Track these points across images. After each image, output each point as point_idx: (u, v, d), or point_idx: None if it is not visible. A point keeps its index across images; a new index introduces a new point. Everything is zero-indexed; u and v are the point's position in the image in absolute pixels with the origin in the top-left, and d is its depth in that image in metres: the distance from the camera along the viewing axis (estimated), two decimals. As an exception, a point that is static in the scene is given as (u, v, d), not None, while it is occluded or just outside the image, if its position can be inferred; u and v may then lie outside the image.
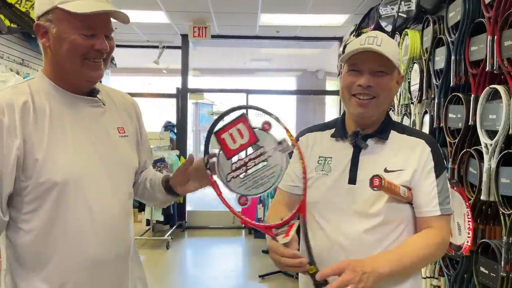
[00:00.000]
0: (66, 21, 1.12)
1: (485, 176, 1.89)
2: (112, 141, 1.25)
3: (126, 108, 1.35)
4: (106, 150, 1.22)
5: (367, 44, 1.18)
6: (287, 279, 4.42)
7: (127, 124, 1.32)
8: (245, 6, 4.94)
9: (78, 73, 1.17)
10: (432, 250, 1.17)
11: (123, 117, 1.32)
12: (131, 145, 1.32)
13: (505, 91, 1.82)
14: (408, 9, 3.02)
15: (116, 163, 1.24)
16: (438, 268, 2.48)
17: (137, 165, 1.34)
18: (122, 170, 1.26)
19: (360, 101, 1.21)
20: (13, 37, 4.30)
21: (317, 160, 1.30)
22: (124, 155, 1.28)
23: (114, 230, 1.22)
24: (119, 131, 1.28)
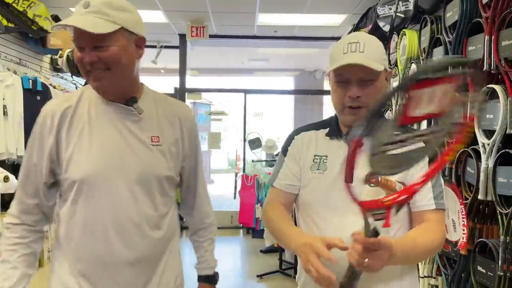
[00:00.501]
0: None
1: (483, 176, 1.90)
2: (140, 149, 1.28)
3: (170, 119, 1.35)
4: (129, 157, 1.26)
5: (350, 52, 1.17)
6: (285, 278, 4.42)
7: (165, 134, 1.32)
8: (243, 5, 4.94)
9: (90, 84, 1.27)
10: (436, 245, 1.18)
11: (162, 127, 1.32)
12: (164, 155, 1.31)
13: (502, 90, 1.83)
14: (406, 9, 3.03)
15: (138, 170, 1.26)
16: (436, 267, 2.48)
17: (168, 174, 1.32)
18: (144, 177, 1.27)
19: (352, 110, 1.21)
20: (11, 37, 4.29)
21: (312, 159, 1.29)
22: (149, 163, 1.28)
23: (124, 235, 1.25)
24: (152, 139, 1.29)
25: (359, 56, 1.17)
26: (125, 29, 1.22)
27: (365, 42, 1.18)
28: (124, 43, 1.22)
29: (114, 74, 1.21)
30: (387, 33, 3.30)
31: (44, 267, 4.42)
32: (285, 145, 1.38)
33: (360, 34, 1.24)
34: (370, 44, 1.19)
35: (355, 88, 1.18)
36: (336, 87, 1.23)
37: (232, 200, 6.33)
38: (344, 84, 1.21)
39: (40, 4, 4.15)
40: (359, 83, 1.19)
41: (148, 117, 1.31)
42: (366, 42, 1.19)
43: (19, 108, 3.95)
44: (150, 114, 1.32)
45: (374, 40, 1.24)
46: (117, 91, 1.27)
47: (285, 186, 1.34)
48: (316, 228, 1.26)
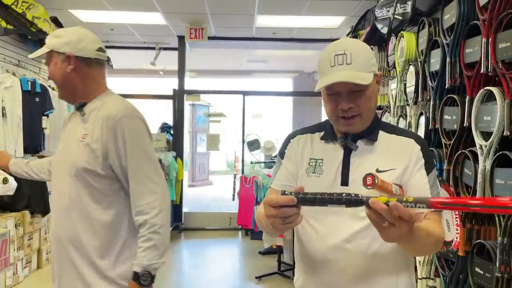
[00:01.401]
0: None
1: (480, 177, 1.90)
2: (73, 144, 1.58)
3: (99, 119, 1.55)
4: (66, 152, 1.61)
5: (337, 64, 1.16)
6: (283, 280, 4.42)
7: (93, 135, 1.54)
8: (241, 7, 4.95)
9: None
10: (440, 239, 1.18)
11: (93, 128, 1.55)
12: (87, 151, 1.53)
13: (500, 92, 1.84)
14: (403, 11, 3.04)
15: (65, 161, 1.60)
16: (434, 268, 2.49)
17: (86, 167, 1.53)
18: (66, 167, 1.58)
19: (346, 120, 1.22)
20: (10, 38, 4.30)
21: (308, 162, 1.30)
22: (71, 155, 1.57)
23: (60, 214, 1.59)
24: (83, 137, 1.56)
25: (347, 69, 1.16)
26: (54, 51, 1.57)
27: (352, 51, 1.17)
28: (55, 62, 1.59)
29: (58, 86, 1.64)
30: (385, 35, 3.31)
31: (43, 269, 4.42)
32: (282, 148, 1.39)
33: (347, 43, 1.22)
34: (357, 54, 1.17)
35: (346, 100, 1.19)
36: (327, 99, 1.24)
37: (230, 201, 6.33)
38: (335, 96, 1.21)
39: (39, 6, 4.15)
40: (349, 94, 1.19)
41: (87, 119, 1.59)
42: (353, 51, 1.17)
43: (18, 109, 3.95)
44: (90, 116, 1.58)
45: (360, 47, 1.22)
46: (67, 99, 1.69)
47: (282, 186, 1.34)
48: (312, 230, 1.26)
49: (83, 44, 1.57)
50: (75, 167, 1.54)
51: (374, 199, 0.92)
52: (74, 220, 1.55)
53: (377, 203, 0.91)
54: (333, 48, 1.20)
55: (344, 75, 1.15)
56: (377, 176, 1.08)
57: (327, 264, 1.22)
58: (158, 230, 1.50)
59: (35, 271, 4.31)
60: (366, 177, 1.07)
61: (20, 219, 4.06)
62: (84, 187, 1.54)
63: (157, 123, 6.98)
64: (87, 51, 1.58)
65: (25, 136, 4.04)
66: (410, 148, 1.24)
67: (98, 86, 1.63)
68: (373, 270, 1.21)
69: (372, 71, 1.20)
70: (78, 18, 5.35)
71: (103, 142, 1.52)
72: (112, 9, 4.99)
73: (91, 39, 1.61)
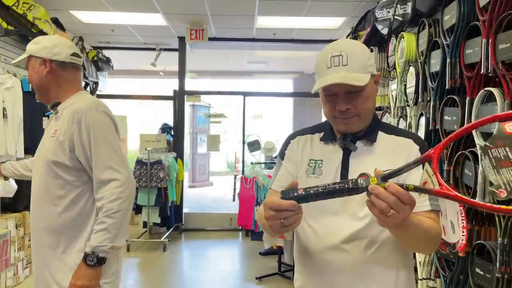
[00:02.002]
0: None
1: (480, 178, 1.91)
2: (46, 140, 1.73)
3: (68, 115, 1.68)
4: (42, 146, 1.75)
5: (333, 66, 1.17)
6: (284, 281, 4.42)
7: (62, 129, 1.68)
8: (242, 8, 4.95)
9: None
10: (435, 236, 1.17)
11: (63, 123, 1.68)
12: (56, 144, 1.67)
13: (500, 93, 1.84)
14: (404, 12, 3.04)
15: (39, 156, 1.74)
16: (434, 269, 2.49)
17: (55, 159, 1.65)
18: (41, 160, 1.71)
19: (344, 120, 1.22)
20: (10, 39, 4.30)
21: (307, 163, 1.30)
22: (44, 150, 1.72)
23: (34, 205, 1.73)
24: (54, 132, 1.70)
25: (343, 71, 1.16)
26: (32, 55, 1.74)
27: (348, 53, 1.17)
28: (33, 65, 1.75)
29: (35, 88, 1.78)
30: (386, 36, 3.31)
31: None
32: (282, 149, 1.39)
33: (343, 44, 1.22)
34: (353, 55, 1.17)
35: (343, 102, 1.19)
36: (325, 100, 1.24)
37: (231, 202, 6.33)
38: (332, 97, 1.21)
39: (40, 7, 4.16)
40: (346, 95, 1.19)
41: (59, 117, 1.72)
42: (349, 52, 1.17)
43: (18, 110, 3.96)
44: (62, 114, 1.71)
45: (357, 47, 1.22)
46: (42, 99, 1.80)
47: (282, 187, 1.34)
48: (311, 231, 1.26)
49: (58, 49, 1.74)
50: (46, 160, 1.67)
51: (373, 185, 0.95)
52: (44, 211, 1.68)
53: (376, 188, 0.94)
54: (330, 49, 1.20)
55: (340, 77, 1.15)
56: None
57: (326, 264, 1.22)
58: (112, 215, 1.59)
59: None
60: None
61: (21, 219, 4.06)
62: (54, 178, 1.66)
63: (158, 124, 6.99)
64: (62, 55, 1.74)
65: (25, 137, 4.05)
66: (409, 149, 1.24)
67: (72, 88, 1.78)
68: (372, 271, 1.21)
69: (369, 71, 1.20)
70: (79, 19, 5.36)
71: (70, 134, 1.65)
72: (112, 10, 4.99)
73: (66, 45, 1.78)
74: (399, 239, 1.15)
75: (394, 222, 0.97)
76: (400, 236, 1.12)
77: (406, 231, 1.06)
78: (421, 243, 1.19)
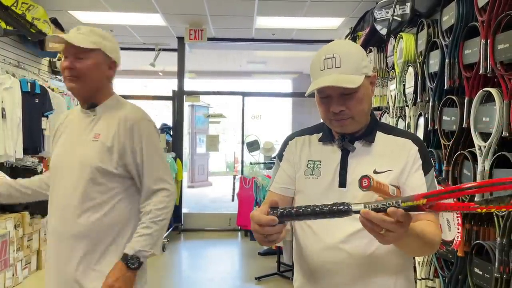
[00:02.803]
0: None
1: (479, 178, 1.91)
2: (83, 143, 1.61)
3: (114, 120, 1.62)
4: (76, 149, 1.62)
5: (326, 68, 1.17)
6: (283, 281, 4.42)
7: (108, 134, 1.60)
8: (241, 9, 4.96)
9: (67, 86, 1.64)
10: (436, 240, 1.17)
11: (108, 128, 1.61)
12: (101, 149, 1.58)
13: (498, 93, 1.85)
14: (402, 13, 3.05)
15: (77, 160, 1.60)
16: (433, 269, 2.50)
17: (100, 165, 1.58)
18: (76, 165, 1.60)
19: (339, 122, 1.22)
20: (9, 39, 4.30)
21: (306, 164, 1.30)
22: (81, 154, 1.60)
23: (62, 212, 1.60)
24: (95, 136, 1.61)
25: (335, 73, 1.16)
26: (102, 51, 1.61)
27: (341, 55, 1.17)
28: (99, 61, 1.61)
29: (85, 82, 1.59)
30: (384, 36, 3.32)
31: (43, 270, 4.41)
32: (280, 151, 1.39)
33: (337, 46, 1.22)
34: (346, 56, 1.17)
35: (337, 104, 1.19)
36: (320, 102, 1.25)
37: (230, 202, 6.33)
38: (326, 99, 1.22)
39: (38, 7, 4.16)
40: (340, 97, 1.19)
41: (99, 119, 1.64)
42: (342, 55, 1.17)
43: (17, 110, 3.95)
44: (102, 116, 1.64)
45: (350, 49, 1.22)
46: (84, 97, 1.65)
47: (280, 189, 1.34)
48: (309, 231, 1.26)
49: (119, 52, 1.71)
50: (88, 166, 1.57)
51: (365, 210, 0.93)
52: (80, 218, 1.57)
53: (369, 213, 0.92)
54: (324, 51, 1.20)
55: (332, 79, 1.15)
56: (373, 178, 1.09)
57: (325, 265, 1.22)
58: (158, 222, 1.58)
59: (35, 272, 4.31)
60: (362, 179, 1.08)
61: (20, 220, 4.06)
62: (95, 184, 1.58)
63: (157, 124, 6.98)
64: (119, 59, 1.71)
65: (24, 137, 4.04)
66: (407, 149, 1.24)
67: (110, 91, 1.71)
68: (371, 271, 1.21)
69: (364, 73, 1.20)
70: (78, 19, 5.35)
71: (121, 141, 1.59)
72: (111, 10, 4.99)
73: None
74: (402, 249, 1.15)
75: (390, 240, 0.97)
76: (402, 247, 1.13)
77: (408, 243, 1.06)
78: (423, 251, 1.20)
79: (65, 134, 1.69)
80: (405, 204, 0.92)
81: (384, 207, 0.92)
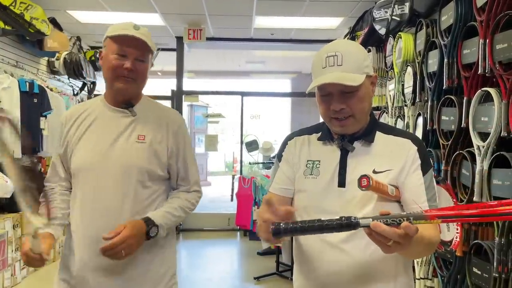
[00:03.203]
0: (109, 46, 1.53)
1: (478, 178, 1.91)
2: (125, 144, 1.55)
3: (158, 122, 1.61)
4: (115, 150, 1.54)
5: (328, 66, 1.18)
6: (282, 281, 4.43)
7: (155, 136, 1.58)
8: (240, 8, 4.95)
9: (112, 86, 1.55)
10: (434, 241, 1.18)
11: (150, 128, 1.58)
12: (149, 152, 1.56)
13: (497, 93, 1.85)
14: (401, 13, 3.05)
15: (120, 162, 1.53)
16: (432, 269, 2.50)
17: (149, 167, 1.55)
18: (124, 168, 1.53)
19: (339, 121, 1.23)
20: (8, 39, 4.29)
21: (305, 163, 1.30)
22: (129, 156, 1.53)
23: (107, 216, 1.50)
24: (139, 137, 1.56)
25: (337, 71, 1.17)
26: (152, 53, 1.60)
27: (343, 53, 1.18)
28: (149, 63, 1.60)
29: (139, 82, 1.57)
30: (383, 36, 3.32)
31: (41, 270, 4.41)
32: (280, 151, 1.39)
33: (339, 45, 1.23)
34: (348, 55, 1.18)
35: (337, 101, 1.20)
36: (320, 100, 1.25)
37: (229, 202, 6.33)
38: (327, 97, 1.22)
39: (37, 7, 4.15)
40: (340, 95, 1.19)
41: (139, 120, 1.59)
42: (344, 53, 1.18)
43: (15, 110, 3.95)
44: (142, 117, 1.60)
45: (353, 48, 1.22)
46: (133, 96, 1.61)
47: (279, 190, 1.34)
48: None
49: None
50: (136, 168, 1.53)
51: (376, 223, 0.93)
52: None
53: (379, 226, 0.92)
54: (326, 50, 1.21)
55: (334, 77, 1.16)
56: (372, 178, 1.09)
57: (325, 264, 1.22)
58: (184, 212, 1.61)
59: (33, 272, 4.30)
60: (361, 178, 1.08)
61: (18, 220, 4.05)
62: (143, 188, 1.55)
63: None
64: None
65: (23, 137, 4.03)
66: (406, 149, 1.24)
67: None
68: (371, 271, 1.21)
69: (365, 72, 1.20)
70: (76, 19, 5.35)
71: (169, 145, 1.60)
72: (110, 10, 4.98)
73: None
74: (402, 255, 1.16)
75: (396, 250, 0.98)
76: (403, 254, 1.13)
77: (408, 250, 1.06)
78: (422, 254, 1.21)
79: (92, 133, 1.57)
80: (417, 222, 0.92)
81: (394, 222, 0.93)
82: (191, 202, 1.66)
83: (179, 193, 1.65)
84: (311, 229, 0.95)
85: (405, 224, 0.92)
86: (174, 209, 1.58)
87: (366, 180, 1.07)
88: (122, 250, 1.41)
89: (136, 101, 1.62)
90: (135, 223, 1.47)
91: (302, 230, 0.96)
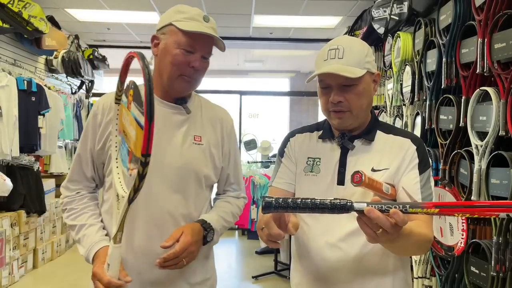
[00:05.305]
0: (174, 36, 1.33)
1: (476, 177, 1.91)
2: (182, 146, 1.37)
3: (212, 121, 1.46)
4: (169, 152, 1.35)
5: (330, 58, 1.19)
6: (280, 279, 4.43)
7: (211, 138, 1.43)
8: (238, 7, 4.95)
9: (172, 83, 1.35)
10: (426, 240, 1.16)
11: (204, 128, 1.43)
12: (205, 155, 1.40)
13: (495, 93, 1.85)
14: (400, 12, 3.05)
15: (177, 165, 1.35)
16: (430, 268, 2.50)
17: (206, 172, 1.40)
18: (182, 172, 1.35)
19: (337, 114, 1.23)
20: (5, 37, 4.28)
21: (305, 161, 1.31)
22: (189, 159, 1.36)
23: (156, 225, 1.32)
24: (195, 138, 1.39)
25: (337, 63, 1.18)
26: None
27: (345, 47, 1.19)
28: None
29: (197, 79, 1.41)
30: (382, 35, 3.32)
31: (39, 268, 4.40)
32: (281, 147, 1.39)
33: (342, 39, 1.24)
34: (350, 49, 1.19)
35: (335, 94, 1.20)
36: (321, 93, 1.26)
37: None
38: (327, 90, 1.23)
39: (35, 5, 4.14)
40: (340, 88, 1.20)
41: (193, 118, 1.42)
42: (346, 47, 1.19)
43: (13, 109, 3.94)
44: (195, 115, 1.43)
45: (355, 44, 1.23)
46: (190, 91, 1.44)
47: (284, 184, 1.34)
48: (308, 229, 1.27)
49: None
50: (193, 172, 1.37)
51: (370, 208, 0.89)
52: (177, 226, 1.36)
53: (374, 212, 0.89)
54: (329, 44, 1.23)
55: (332, 68, 1.17)
56: (365, 174, 1.09)
57: (323, 262, 1.23)
58: (234, 216, 1.51)
59: (31, 271, 4.30)
60: (354, 174, 1.08)
61: (16, 218, 4.05)
62: (201, 192, 1.42)
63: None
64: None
65: (21, 136, 4.03)
66: (405, 148, 1.24)
67: None
68: (369, 269, 1.21)
69: (366, 68, 1.21)
70: (74, 17, 5.34)
71: (224, 148, 1.47)
72: (108, 8, 4.98)
73: None
74: (389, 249, 1.14)
75: (382, 241, 0.96)
76: (389, 248, 1.12)
77: (395, 244, 1.04)
78: (409, 251, 1.20)
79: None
80: (413, 210, 0.89)
81: (388, 209, 0.89)
82: (240, 208, 1.55)
83: (229, 198, 1.52)
84: (304, 206, 0.91)
85: (393, 211, 0.88)
86: (226, 214, 1.47)
87: (359, 176, 1.07)
88: (183, 259, 1.27)
89: (188, 96, 1.45)
90: (193, 226, 1.32)
91: (294, 207, 0.92)
